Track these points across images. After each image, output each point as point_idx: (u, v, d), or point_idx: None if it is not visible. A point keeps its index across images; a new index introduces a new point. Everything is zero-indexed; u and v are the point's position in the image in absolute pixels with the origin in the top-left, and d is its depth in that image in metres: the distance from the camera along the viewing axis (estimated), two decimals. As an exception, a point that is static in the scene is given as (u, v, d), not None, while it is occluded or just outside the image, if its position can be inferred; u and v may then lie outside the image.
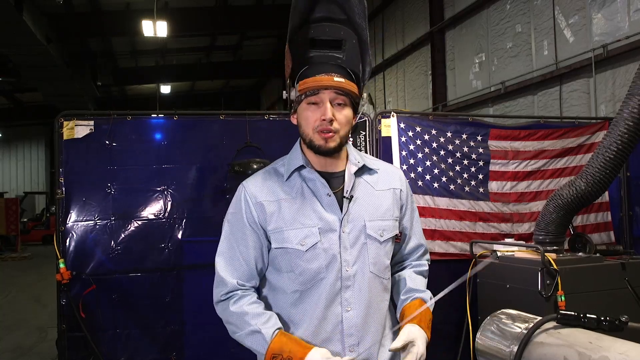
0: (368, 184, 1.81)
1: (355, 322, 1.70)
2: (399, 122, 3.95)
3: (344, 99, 1.70)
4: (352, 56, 1.74)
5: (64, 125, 3.54)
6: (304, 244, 1.70)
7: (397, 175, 1.90)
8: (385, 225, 1.78)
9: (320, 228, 1.71)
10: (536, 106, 7.73)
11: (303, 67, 1.72)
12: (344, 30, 1.73)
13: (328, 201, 1.73)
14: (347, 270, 1.71)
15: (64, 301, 3.43)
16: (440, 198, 3.96)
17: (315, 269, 1.70)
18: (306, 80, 1.68)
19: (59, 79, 14.52)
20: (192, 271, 3.57)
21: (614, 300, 3.14)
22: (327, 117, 1.66)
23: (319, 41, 1.72)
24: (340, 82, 1.67)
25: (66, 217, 3.49)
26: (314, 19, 1.72)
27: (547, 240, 3.22)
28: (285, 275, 1.74)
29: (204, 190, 3.69)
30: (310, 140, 1.71)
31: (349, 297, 1.70)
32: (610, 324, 1.34)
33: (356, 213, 1.75)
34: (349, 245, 1.72)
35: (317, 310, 1.69)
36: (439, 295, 1.69)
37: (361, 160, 1.82)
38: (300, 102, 1.72)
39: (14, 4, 9.76)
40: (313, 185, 1.75)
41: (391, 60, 12.19)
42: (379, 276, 1.76)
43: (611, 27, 6.25)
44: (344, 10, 1.71)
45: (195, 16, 13.88)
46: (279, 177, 1.80)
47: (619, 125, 2.80)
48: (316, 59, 1.72)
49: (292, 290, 1.72)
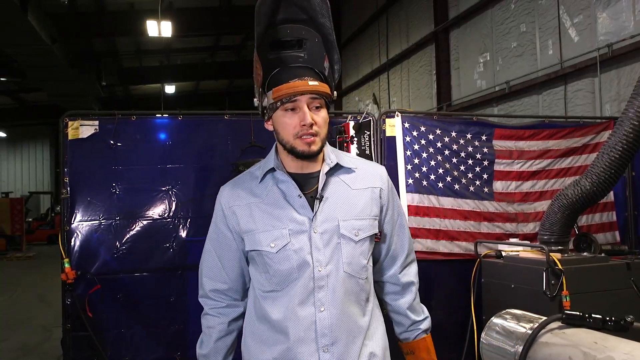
0: (344, 183, 1.80)
1: (330, 322, 1.68)
2: (404, 122, 3.94)
3: (319, 101, 1.70)
4: (314, 55, 1.74)
5: (69, 125, 3.55)
6: (273, 245, 1.71)
7: (378, 174, 1.87)
8: (361, 224, 1.76)
9: (291, 229, 1.71)
10: (541, 106, 7.70)
11: (271, 71, 1.71)
12: (305, 30, 1.73)
13: (299, 202, 1.73)
14: (319, 271, 1.69)
15: (68, 301, 3.44)
16: (444, 198, 3.95)
17: (287, 270, 1.70)
18: (280, 87, 1.67)
19: (63, 79, 14.57)
20: (197, 271, 3.56)
21: (619, 300, 3.13)
22: (307, 122, 1.66)
23: (280, 42, 1.72)
24: (315, 86, 1.67)
25: (71, 217, 3.50)
26: (277, 21, 1.72)
27: (552, 240, 3.21)
28: (262, 276, 1.77)
29: (209, 190, 3.69)
30: (291, 147, 1.71)
31: (322, 297, 1.69)
32: (615, 324, 1.33)
33: (329, 213, 1.73)
34: (321, 245, 1.71)
35: (292, 310, 1.69)
36: None
37: (335, 160, 1.80)
38: (275, 109, 1.71)
39: (19, 4, 9.79)
40: (285, 187, 1.75)
41: (395, 59, 12.17)
42: (354, 276, 1.74)
43: (616, 27, 6.23)
44: (304, 11, 1.71)
45: (200, 16, 13.90)
46: (254, 180, 1.82)
47: (624, 124, 2.79)
48: (279, 60, 1.71)
49: (268, 290, 1.75)
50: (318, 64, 1.74)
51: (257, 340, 1.76)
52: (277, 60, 1.72)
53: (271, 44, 1.72)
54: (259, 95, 1.76)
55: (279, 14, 1.71)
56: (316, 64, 1.74)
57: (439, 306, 3.82)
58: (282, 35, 1.72)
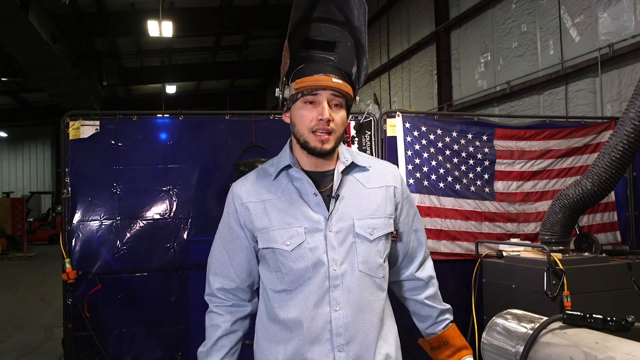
0: (359, 182, 1.79)
1: (345, 321, 1.67)
2: (405, 122, 3.94)
3: (340, 100, 1.69)
4: (345, 59, 1.74)
5: (70, 125, 3.55)
6: (289, 243, 1.70)
7: (392, 173, 1.87)
8: (376, 223, 1.75)
9: (306, 228, 1.70)
10: (542, 106, 7.70)
11: (297, 65, 1.71)
12: (340, 32, 1.74)
13: (315, 200, 1.72)
14: (334, 270, 1.69)
15: (69, 300, 3.45)
16: (445, 198, 3.95)
17: (302, 268, 1.69)
18: (304, 79, 1.67)
19: (64, 79, 14.56)
20: (198, 271, 3.58)
21: (620, 300, 3.12)
22: (324, 117, 1.65)
23: (313, 41, 1.72)
24: (338, 84, 1.67)
25: (72, 217, 3.51)
26: (313, 19, 1.72)
27: (553, 240, 3.21)
28: (274, 275, 1.75)
29: (210, 189, 3.70)
30: (305, 141, 1.70)
31: (338, 296, 1.68)
32: (616, 324, 1.33)
33: (344, 212, 1.73)
34: (336, 244, 1.70)
35: (306, 309, 1.68)
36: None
37: (350, 158, 1.80)
38: (295, 100, 1.70)
39: (20, 5, 9.80)
40: (300, 185, 1.74)
41: (396, 59, 12.17)
42: (370, 275, 1.73)
43: (617, 27, 6.22)
44: (343, 12, 1.70)
45: (201, 16, 13.89)
46: (268, 177, 1.80)
47: (626, 124, 2.79)
48: (308, 58, 1.72)
49: (280, 289, 1.73)
50: (346, 68, 1.75)
51: (269, 340, 1.74)
52: (306, 57, 1.72)
53: (304, 41, 1.72)
54: (281, 85, 1.75)
55: (317, 11, 1.70)
56: (345, 68, 1.74)
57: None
58: (315, 34, 1.72)
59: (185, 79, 20.40)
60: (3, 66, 14.82)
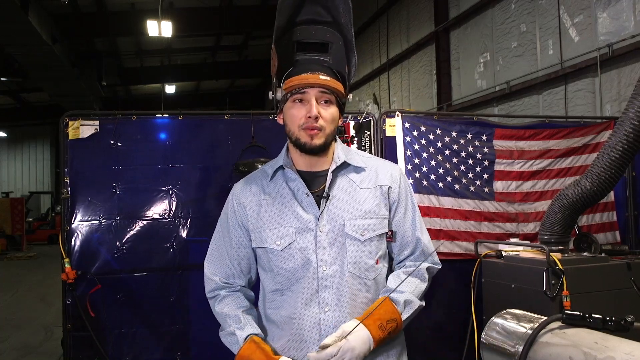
0: (353, 182, 1.79)
1: (334, 322, 1.67)
2: (404, 122, 3.94)
3: (329, 97, 1.70)
4: (338, 58, 1.76)
5: (69, 125, 3.55)
6: (279, 243, 1.71)
7: (389, 173, 1.84)
8: (368, 224, 1.74)
9: (297, 228, 1.71)
10: (541, 106, 7.70)
11: (289, 68, 1.72)
12: (330, 32, 1.74)
13: (307, 201, 1.73)
14: (323, 270, 1.69)
15: (69, 300, 3.44)
16: (445, 198, 3.95)
17: (291, 268, 1.70)
18: (292, 79, 1.69)
19: (64, 78, 14.56)
20: (198, 271, 3.54)
21: (619, 300, 3.12)
22: (312, 114, 1.66)
23: (305, 44, 1.73)
24: (325, 80, 1.68)
25: (71, 217, 3.50)
26: (300, 21, 1.73)
27: (553, 240, 3.21)
28: (268, 274, 1.77)
29: (209, 189, 3.70)
30: (296, 138, 1.71)
31: (327, 297, 1.69)
32: (615, 324, 1.33)
33: (335, 212, 1.73)
34: (327, 244, 1.70)
35: (296, 310, 1.69)
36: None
37: (343, 158, 1.79)
38: (285, 100, 1.72)
39: (20, 4, 9.79)
40: (294, 185, 1.76)
41: (396, 59, 12.17)
42: (360, 276, 1.72)
43: (616, 27, 6.22)
44: (329, 12, 1.71)
45: (201, 16, 13.90)
46: (265, 178, 1.82)
47: (625, 124, 2.78)
48: (303, 61, 1.73)
49: (273, 289, 1.75)
50: (341, 67, 1.76)
51: (265, 338, 1.75)
52: (301, 60, 1.73)
53: (296, 45, 1.73)
54: (273, 88, 1.77)
55: (303, 13, 1.71)
56: (339, 66, 1.76)
57: (439, 306, 3.82)
58: (306, 36, 1.73)
59: (185, 79, 20.42)
60: (3, 66, 14.82)
